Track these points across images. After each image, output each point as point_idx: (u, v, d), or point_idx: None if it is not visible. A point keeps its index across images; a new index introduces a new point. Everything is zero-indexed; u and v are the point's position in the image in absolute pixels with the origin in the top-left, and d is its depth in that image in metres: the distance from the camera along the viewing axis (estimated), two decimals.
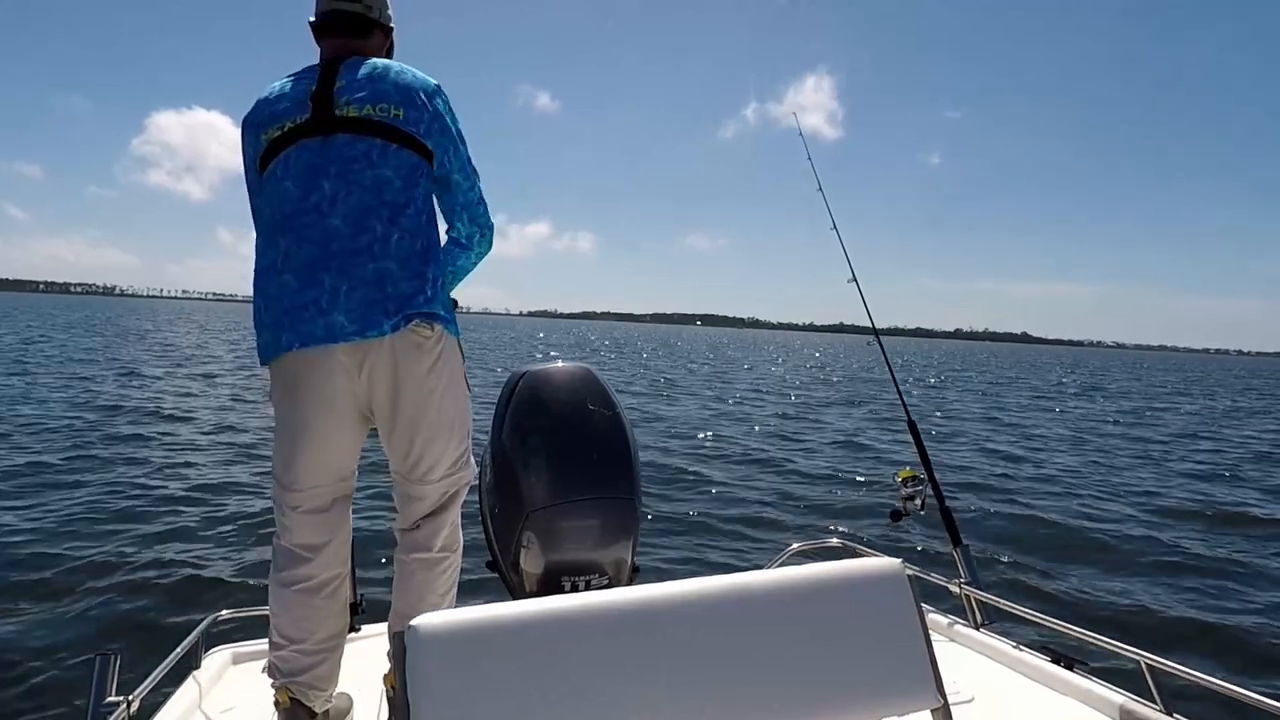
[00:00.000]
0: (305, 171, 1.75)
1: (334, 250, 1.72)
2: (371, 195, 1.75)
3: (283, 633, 1.79)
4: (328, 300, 1.70)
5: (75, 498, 6.76)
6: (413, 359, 1.78)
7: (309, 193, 1.74)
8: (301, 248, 1.73)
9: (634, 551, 2.28)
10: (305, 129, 1.77)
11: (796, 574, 1.27)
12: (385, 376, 1.77)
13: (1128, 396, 24.57)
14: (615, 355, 39.67)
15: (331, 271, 1.71)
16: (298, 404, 1.76)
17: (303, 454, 1.77)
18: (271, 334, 1.75)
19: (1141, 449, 12.44)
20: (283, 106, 1.81)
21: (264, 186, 1.81)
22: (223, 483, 7.55)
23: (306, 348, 1.71)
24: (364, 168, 1.75)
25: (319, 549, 1.81)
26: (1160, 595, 5.26)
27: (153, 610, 4.40)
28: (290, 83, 1.85)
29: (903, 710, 1.21)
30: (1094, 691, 1.88)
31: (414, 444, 1.83)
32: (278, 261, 1.75)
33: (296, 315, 1.71)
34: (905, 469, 2.72)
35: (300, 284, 1.71)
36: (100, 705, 1.71)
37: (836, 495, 8.08)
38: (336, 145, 1.76)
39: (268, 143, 1.80)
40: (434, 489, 1.88)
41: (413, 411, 1.81)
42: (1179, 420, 17.59)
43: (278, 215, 1.77)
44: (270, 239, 1.78)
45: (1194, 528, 7.17)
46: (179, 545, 5.54)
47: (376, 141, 1.77)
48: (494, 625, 1.10)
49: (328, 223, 1.73)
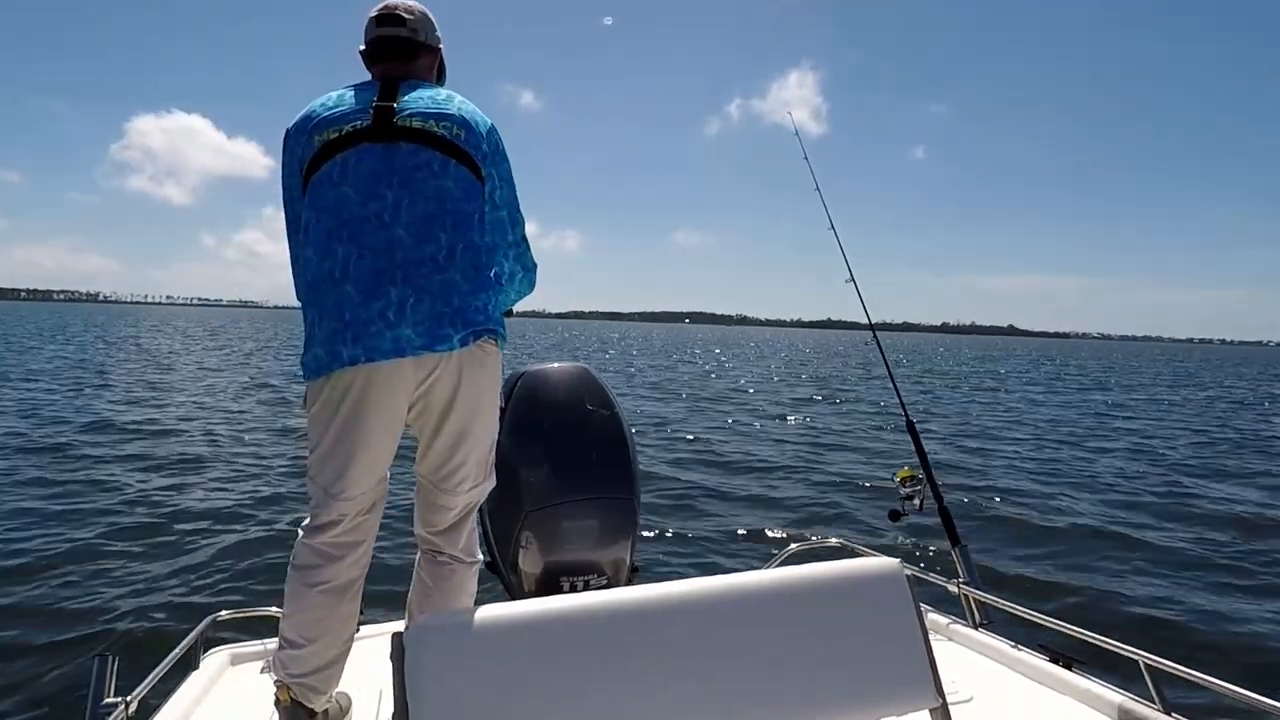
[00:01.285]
0: (367, 178, 1.71)
1: (399, 261, 1.67)
2: (435, 205, 1.72)
3: (300, 632, 1.77)
4: (395, 313, 1.65)
5: (74, 498, 6.75)
6: (474, 375, 1.77)
7: (369, 200, 1.69)
8: (363, 257, 1.67)
9: (633, 551, 2.28)
10: (366, 134, 1.73)
11: (795, 574, 1.27)
12: (445, 390, 1.75)
13: (1130, 390, 24.61)
14: (609, 355, 39.70)
15: (398, 283, 1.66)
16: (357, 418, 1.70)
17: (356, 465, 1.73)
18: (329, 346, 1.67)
19: (1141, 446, 12.45)
20: (341, 111, 1.77)
21: (313, 191, 1.74)
22: (222, 483, 7.54)
23: (374, 362, 1.66)
24: (427, 177, 1.73)
25: (351, 549, 1.80)
26: (1160, 594, 5.26)
27: (151, 611, 4.39)
28: (349, 93, 1.82)
29: (902, 709, 1.22)
30: (1093, 691, 1.88)
31: (454, 455, 1.83)
32: (335, 271, 1.68)
33: (362, 329, 1.65)
34: (904, 469, 2.72)
35: (364, 296, 1.66)
36: (99, 706, 1.70)
37: (836, 495, 8.08)
38: (399, 154, 1.72)
39: (321, 145, 1.74)
40: (463, 499, 1.89)
41: (461, 425, 1.80)
42: (1184, 413, 17.61)
43: (333, 222, 1.70)
44: (325, 247, 1.70)
45: (1194, 527, 7.18)
46: (178, 546, 5.53)
47: (438, 154, 1.74)
48: (493, 625, 1.10)
49: (391, 232, 1.68)
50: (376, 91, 1.80)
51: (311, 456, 1.78)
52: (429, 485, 1.88)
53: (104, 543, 5.55)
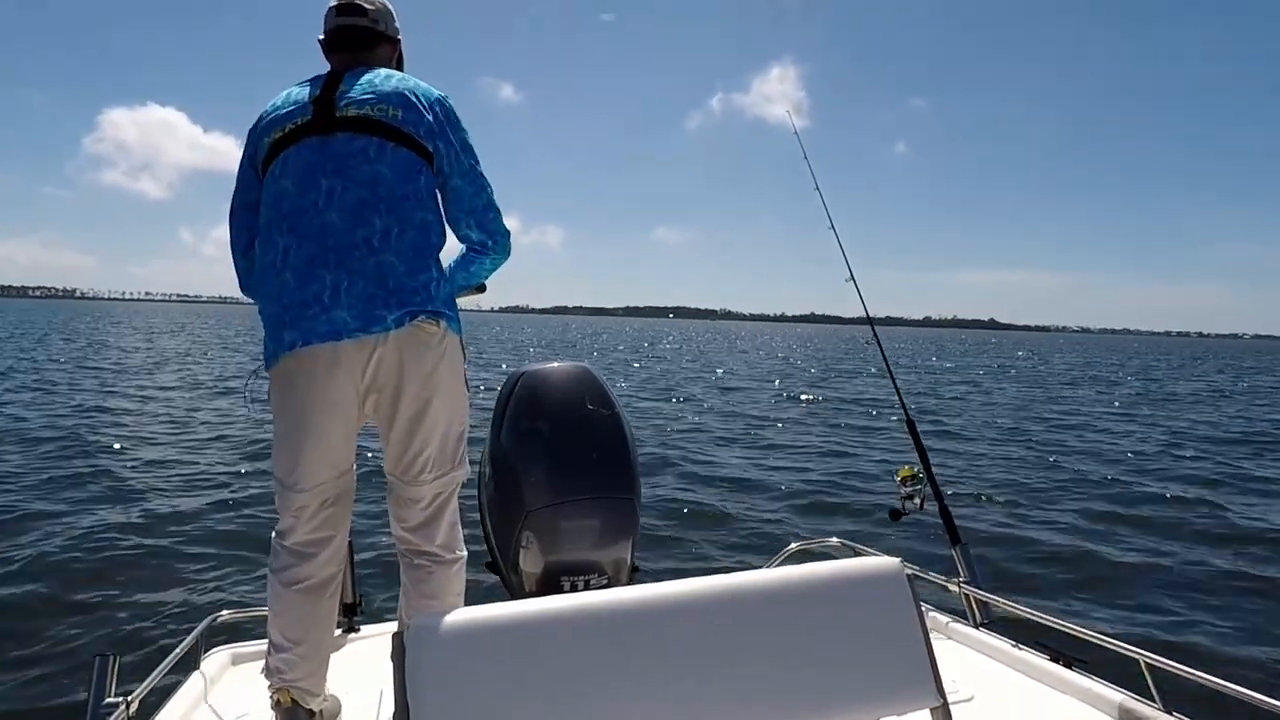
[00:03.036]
0: (304, 170, 1.75)
1: (330, 245, 1.71)
2: (368, 190, 1.74)
3: (285, 634, 1.78)
4: (329, 296, 1.69)
5: (73, 498, 6.76)
6: (417, 356, 1.76)
7: (307, 190, 1.74)
8: (300, 245, 1.72)
9: (633, 551, 2.28)
10: (306, 129, 1.78)
11: (795, 573, 1.27)
12: (389, 374, 1.76)
13: (1124, 384, 24.61)
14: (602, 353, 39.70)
15: (330, 267, 1.70)
16: (301, 403, 1.74)
17: (306, 453, 1.76)
18: (274, 333, 1.74)
19: (1141, 442, 12.45)
20: (286, 111, 1.82)
21: (264, 188, 1.82)
22: (221, 482, 7.54)
23: (310, 345, 1.69)
24: (361, 163, 1.75)
25: (323, 545, 1.81)
26: (1160, 594, 5.26)
27: (152, 611, 4.39)
28: (296, 90, 1.87)
29: (902, 709, 1.22)
30: (1093, 690, 1.88)
31: (411, 443, 1.82)
32: (276, 261, 1.74)
33: (298, 313, 1.70)
34: (904, 468, 2.72)
35: (300, 281, 1.70)
36: (100, 706, 1.71)
37: (835, 494, 8.08)
38: (335, 143, 1.76)
39: (269, 145, 1.81)
40: (428, 490, 1.86)
41: (413, 410, 1.80)
42: (1180, 409, 17.59)
43: (275, 214, 1.76)
44: (268, 239, 1.78)
45: (1194, 526, 7.17)
46: (178, 546, 5.54)
47: (374, 139, 1.77)
48: (493, 625, 1.10)
49: (324, 218, 1.72)
50: (318, 85, 1.84)
51: (273, 448, 1.82)
52: (394, 480, 1.87)
53: (104, 543, 5.54)
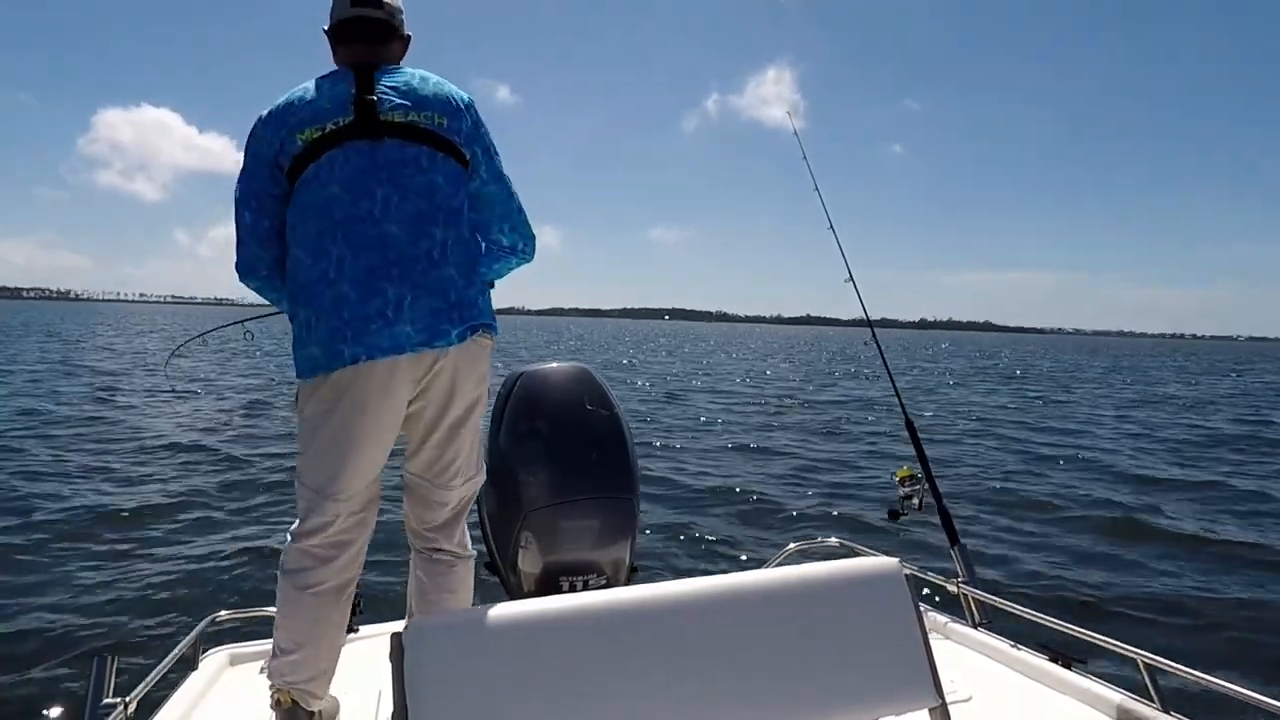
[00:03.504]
0: (355, 176, 1.69)
1: (392, 258, 1.68)
2: (426, 201, 1.71)
3: (294, 638, 1.75)
4: (393, 311, 1.66)
5: (72, 498, 6.75)
6: (471, 369, 1.78)
7: (360, 198, 1.69)
8: (358, 256, 1.67)
9: (632, 551, 2.28)
10: (350, 131, 1.71)
11: (795, 573, 1.27)
12: (443, 386, 1.76)
13: (1130, 386, 24.62)
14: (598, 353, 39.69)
15: (394, 280, 1.67)
16: (351, 416, 1.70)
17: (350, 465, 1.72)
18: (327, 346, 1.67)
19: (1141, 441, 12.45)
20: (321, 107, 1.73)
21: (301, 191, 1.72)
22: (220, 482, 7.54)
23: (372, 360, 1.66)
24: (415, 173, 1.72)
25: (344, 549, 1.79)
26: (1160, 593, 5.26)
27: (151, 611, 4.39)
28: (325, 84, 1.77)
29: (901, 709, 1.22)
30: (1092, 690, 1.88)
31: (448, 450, 1.84)
32: (329, 271, 1.67)
33: (361, 327, 1.65)
34: (903, 468, 2.72)
35: (361, 294, 1.66)
36: (98, 706, 1.71)
37: (835, 494, 8.09)
38: (386, 150, 1.71)
39: (305, 144, 1.71)
40: (457, 494, 1.90)
41: (456, 419, 1.82)
42: (1176, 409, 17.60)
43: (324, 223, 1.69)
44: (318, 247, 1.69)
45: (1195, 525, 7.18)
46: (177, 546, 5.54)
47: (424, 148, 1.74)
48: (492, 625, 1.10)
49: (383, 229, 1.68)
50: (350, 82, 1.76)
51: (303, 458, 1.76)
52: (423, 483, 1.88)
53: (103, 543, 5.55)
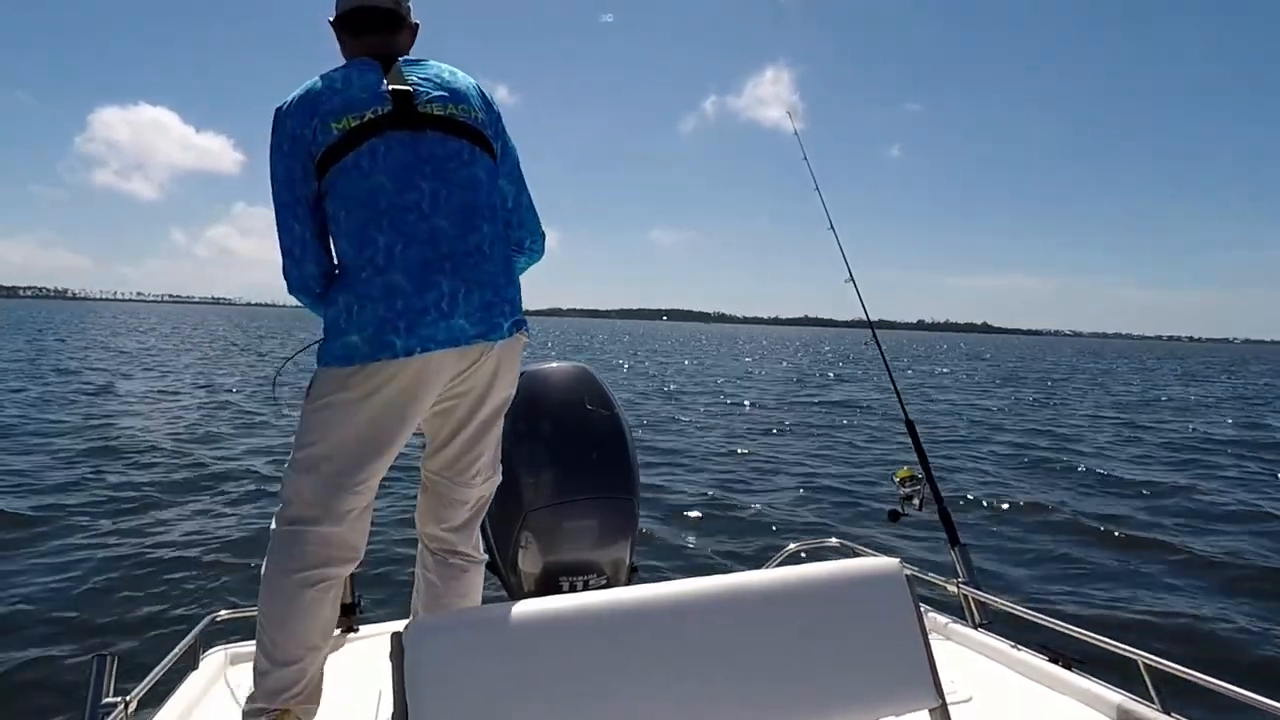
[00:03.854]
0: (400, 168, 1.66)
1: (445, 252, 1.66)
2: (471, 194, 1.71)
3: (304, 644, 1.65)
4: (448, 304, 1.64)
5: (72, 498, 6.75)
6: (510, 365, 1.79)
7: (405, 190, 1.66)
8: (409, 247, 1.64)
9: (632, 551, 2.28)
10: (389, 121, 1.68)
11: (795, 574, 1.27)
12: (482, 380, 1.76)
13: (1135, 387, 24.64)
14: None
15: (446, 274, 1.65)
16: (397, 409, 1.66)
17: (384, 457, 1.70)
18: (376, 334, 1.61)
19: (1142, 441, 12.46)
20: (356, 96, 1.69)
21: (340, 180, 1.67)
22: (219, 483, 7.54)
23: (428, 353, 1.63)
24: (459, 167, 1.71)
25: (357, 548, 1.74)
26: (1160, 594, 5.26)
27: (151, 611, 4.39)
28: (353, 73, 1.73)
29: (901, 709, 1.22)
30: (1092, 691, 1.88)
31: (475, 447, 1.84)
32: (378, 258, 1.63)
33: (416, 319, 1.62)
34: (903, 469, 2.72)
35: (416, 285, 1.63)
36: (98, 706, 1.71)
37: (835, 495, 8.09)
38: (428, 143, 1.69)
39: (342, 132, 1.66)
40: (476, 492, 1.90)
41: (487, 415, 1.82)
42: (1178, 410, 17.60)
43: (369, 212, 1.65)
44: (362, 235, 1.65)
45: (1194, 525, 7.18)
46: (176, 546, 5.53)
47: (465, 142, 1.73)
48: (492, 625, 1.10)
49: (433, 223, 1.66)
50: (379, 72, 1.73)
51: (315, 446, 1.67)
52: (443, 481, 1.87)
53: (103, 542, 5.54)
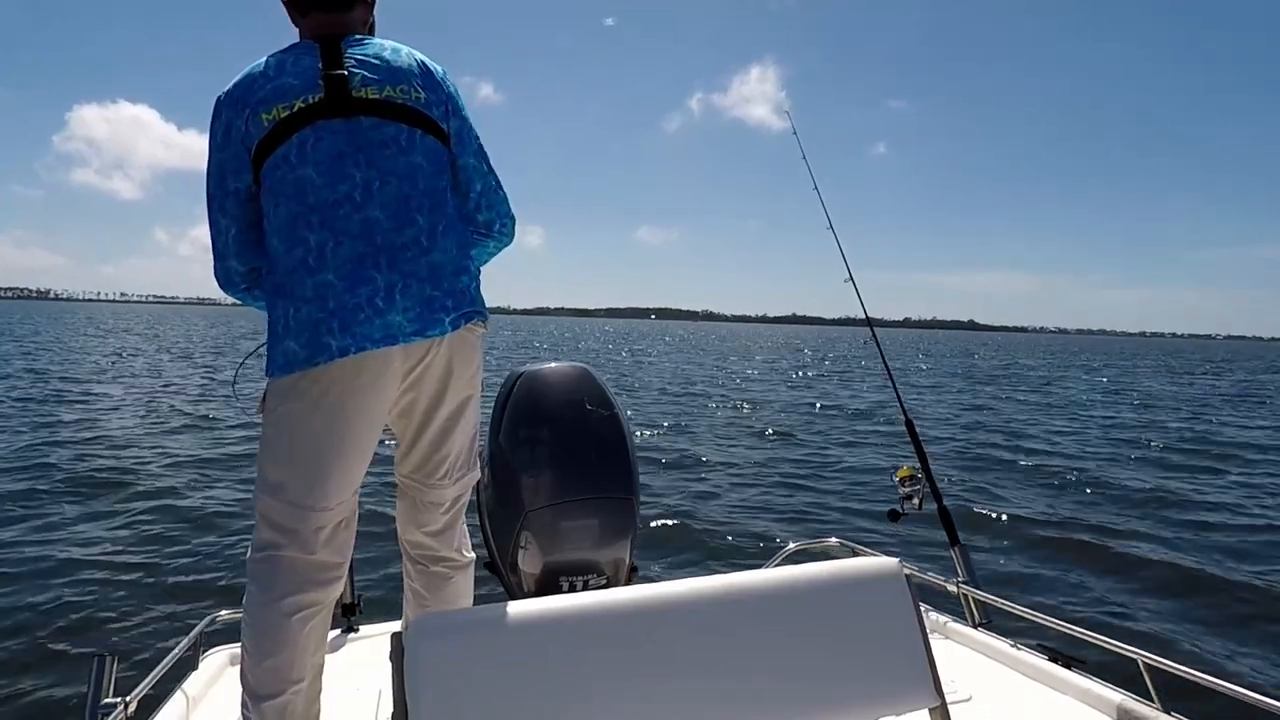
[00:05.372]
0: (329, 158, 1.56)
1: (379, 244, 1.56)
2: (408, 184, 1.61)
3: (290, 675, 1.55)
4: (383, 299, 1.54)
5: (71, 498, 6.75)
6: (464, 359, 1.69)
7: (337, 182, 1.56)
8: (341, 243, 1.55)
9: (632, 551, 2.28)
10: (320, 110, 1.58)
11: (795, 573, 1.27)
12: (435, 378, 1.67)
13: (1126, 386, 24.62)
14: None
15: (382, 268, 1.55)
16: (340, 415, 1.56)
17: (335, 470, 1.58)
18: (310, 338, 1.53)
19: (1141, 441, 12.46)
20: (287, 83, 1.59)
21: (270, 176, 1.58)
22: (219, 484, 7.54)
23: (363, 352, 1.53)
24: (395, 154, 1.60)
25: (339, 566, 1.64)
26: (1159, 594, 5.26)
27: (151, 611, 4.39)
28: (288, 59, 1.63)
29: (901, 709, 1.22)
30: (1092, 690, 1.88)
31: (443, 446, 1.76)
32: (309, 259, 1.54)
33: (349, 317, 1.52)
34: (903, 468, 2.72)
35: (347, 282, 1.53)
36: (98, 706, 1.71)
37: (834, 494, 8.09)
38: (362, 129, 1.59)
39: (272, 123, 1.57)
40: (450, 492, 1.82)
41: (450, 413, 1.73)
42: (1174, 409, 17.60)
43: (299, 206, 1.56)
44: (292, 233, 1.56)
45: (1193, 525, 7.18)
46: (176, 546, 5.53)
47: (404, 127, 1.62)
48: (492, 626, 1.10)
49: (366, 214, 1.56)
50: (315, 55, 1.62)
51: (273, 466, 1.59)
52: (415, 484, 1.80)
53: (103, 543, 5.55)
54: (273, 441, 1.60)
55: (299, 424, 1.57)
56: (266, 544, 1.58)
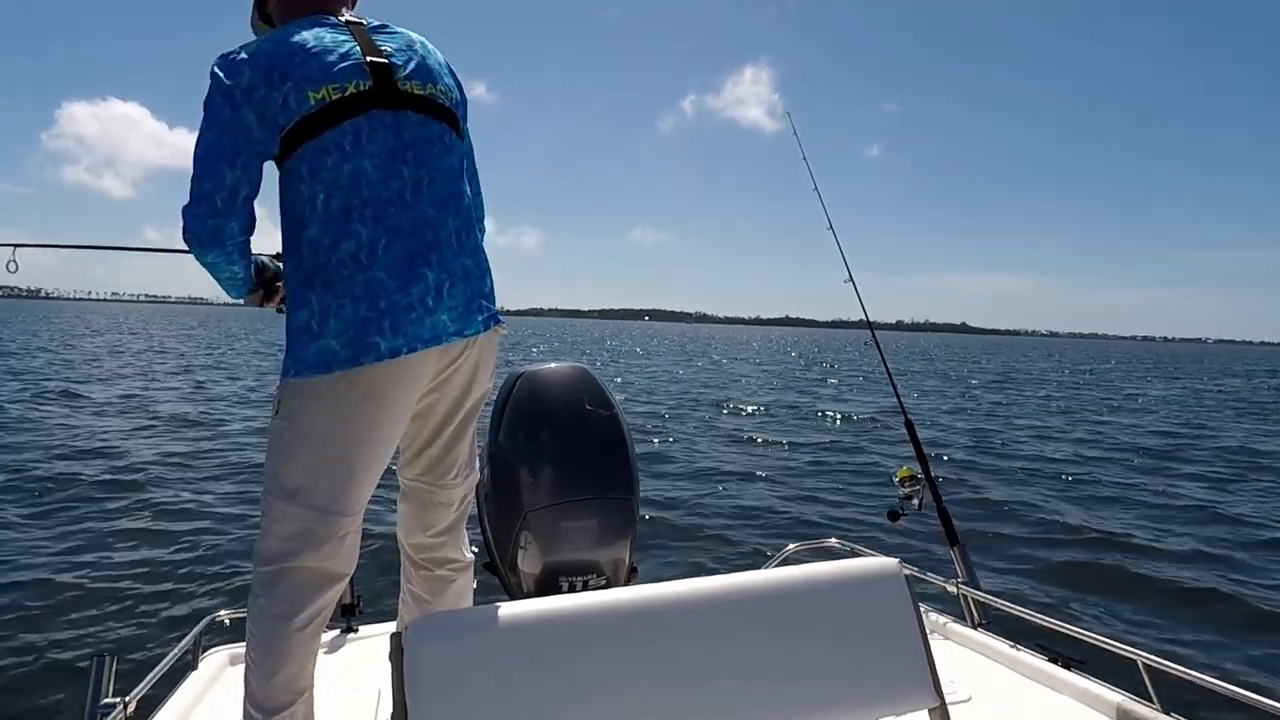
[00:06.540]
0: (383, 152, 1.53)
1: (430, 242, 1.55)
2: (452, 183, 1.62)
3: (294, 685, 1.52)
4: (433, 299, 1.53)
5: (71, 498, 6.75)
6: (487, 361, 1.69)
7: (389, 177, 1.53)
8: (392, 240, 1.51)
9: (632, 551, 2.28)
10: (370, 100, 1.53)
11: (794, 574, 1.27)
12: (463, 378, 1.65)
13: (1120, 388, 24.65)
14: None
15: (432, 266, 1.54)
16: (377, 417, 1.51)
17: (365, 474, 1.54)
18: (354, 336, 1.47)
19: (1140, 442, 12.46)
20: (332, 63, 1.51)
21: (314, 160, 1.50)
22: (219, 484, 7.54)
23: (414, 352, 1.50)
24: (441, 153, 1.61)
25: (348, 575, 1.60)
26: (1158, 594, 5.26)
27: (150, 611, 4.39)
28: (325, 35, 1.55)
29: (900, 709, 1.22)
30: (1091, 691, 1.88)
31: (456, 446, 1.75)
32: (360, 254, 1.49)
33: (400, 316, 1.49)
34: (903, 468, 2.72)
35: (400, 281, 1.50)
36: (97, 706, 1.71)
37: (834, 494, 8.09)
38: (410, 125, 1.57)
39: (320, 104, 1.49)
40: (459, 492, 1.80)
41: (468, 412, 1.73)
42: (1171, 412, 17.61)
43: (353, 199, 1.50)
44: (341, 227, 1.50)
45: (1193, 526, 7.18)
46: (176, 546, 5.53)
47: (445, 126, 1.63)
48: (492, 625, 1.10)
49: (417, 212, 1.54)
50: (351, 36, 1.57)
51: (295, 470, 1.51)
52: (424, 486, 1.76)
53: (103, 543, 5.54)
54: (294, 445, 1.52)
55: (333, 427, 1.50)
56: (279, 554, 1.51)
